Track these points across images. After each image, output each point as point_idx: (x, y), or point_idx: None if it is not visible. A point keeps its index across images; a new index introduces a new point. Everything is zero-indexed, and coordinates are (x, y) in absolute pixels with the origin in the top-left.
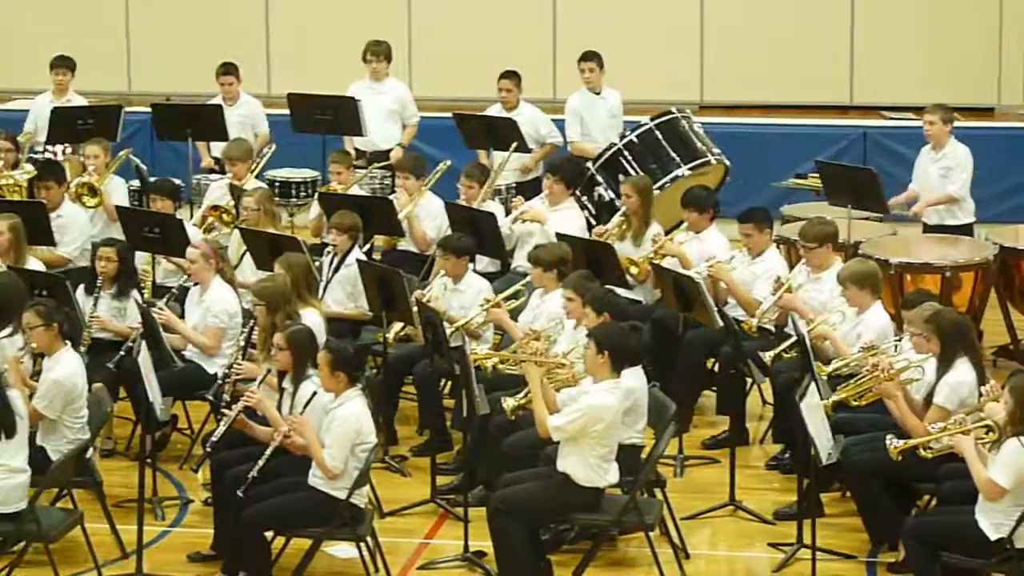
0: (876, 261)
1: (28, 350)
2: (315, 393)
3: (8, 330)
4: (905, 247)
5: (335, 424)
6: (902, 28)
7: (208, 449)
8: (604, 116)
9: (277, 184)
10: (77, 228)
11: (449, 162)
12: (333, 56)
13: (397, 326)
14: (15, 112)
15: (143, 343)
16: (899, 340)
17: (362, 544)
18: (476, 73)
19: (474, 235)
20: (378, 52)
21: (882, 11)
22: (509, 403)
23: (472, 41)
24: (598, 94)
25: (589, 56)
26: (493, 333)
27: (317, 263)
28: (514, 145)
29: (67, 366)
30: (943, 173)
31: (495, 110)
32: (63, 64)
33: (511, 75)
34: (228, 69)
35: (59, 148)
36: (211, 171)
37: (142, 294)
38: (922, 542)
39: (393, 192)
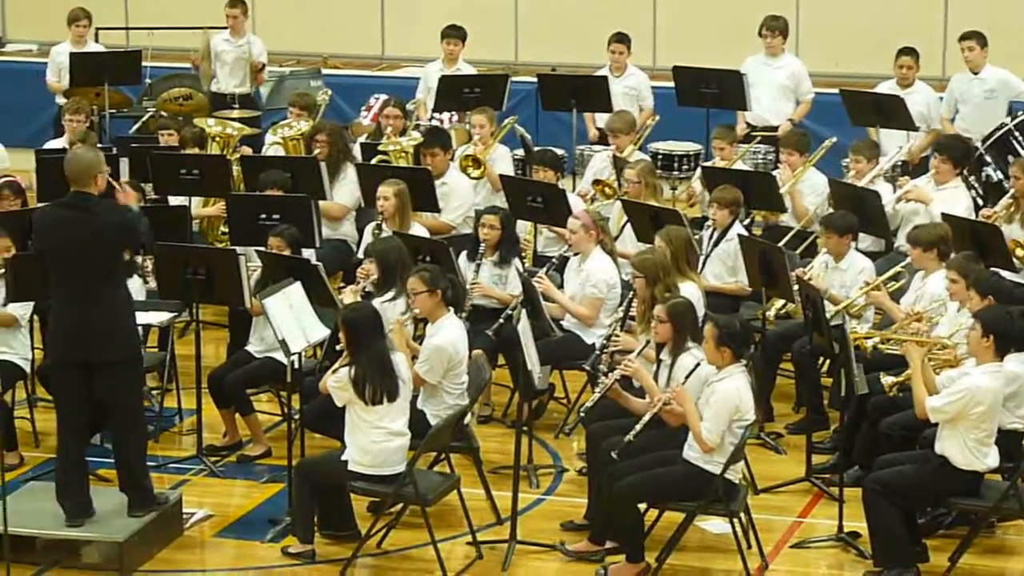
0: None
1: (411, 315)
2: (698, 364)
3: (391, 294)
4: None
5: (715, 398)
6: None
7: (582, 416)
8: (978, 97)
9: (660, 157)
10: (461, 196)
11: (835, 139)
12: (720, 29)
13: (777, 303)
14: (405, 79)
15: (523, 311)
16: None
17: (735, 520)
18: (863, 49)
19: (858, 213)
20: (774, 27)
21: None
22: (888, 380)
23: (861, 16)
24: (976, 74)
25: (968, 35)
26: (874, 313)
27: (697, 236)
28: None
29: (449, 332)
30: None
31: (887, 87)
32: (455, 34)
33: (910, 52)
34: (620, 38)
35: (446, 116)
36: (595, 142)
37: (523, 262)
38: None
39: (776, 167)
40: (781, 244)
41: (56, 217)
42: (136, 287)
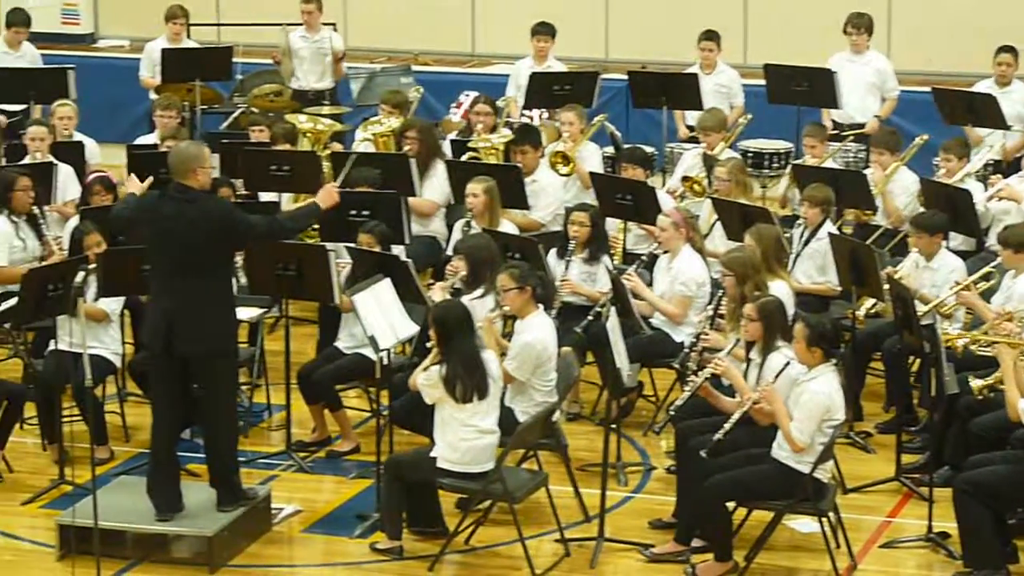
0: None
1: (500, 312)
2: (788, 363)
3: (480, 291)
4: None
5: (805, 397)
6: None
7: (671, 413)
8: None
9: (750, 155)
10: (551, 193)
11: (927, 136)
12: (812, 26)
13: (867, 302)
14: (495, 76)
15: (612, 309)
16: None
17: (824, 519)
18: (956, 47)
19: (949, 212)
20: (859, 24)
21: None
22: (977, 383)
23: (955, 14)
24: None
25: None
26: (964, 312)
27: (787, 235)
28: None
29: (538, 329)
30: None
31: (985, 85)
32: (545, 31)
33: (1010, 50)
34: (710, 35)
35: (536, 113)
36: (685, 140)
37: (612, 260)
38: None
39: (867, 166)
40: (869, 242)
41: (153, 207)
42: None
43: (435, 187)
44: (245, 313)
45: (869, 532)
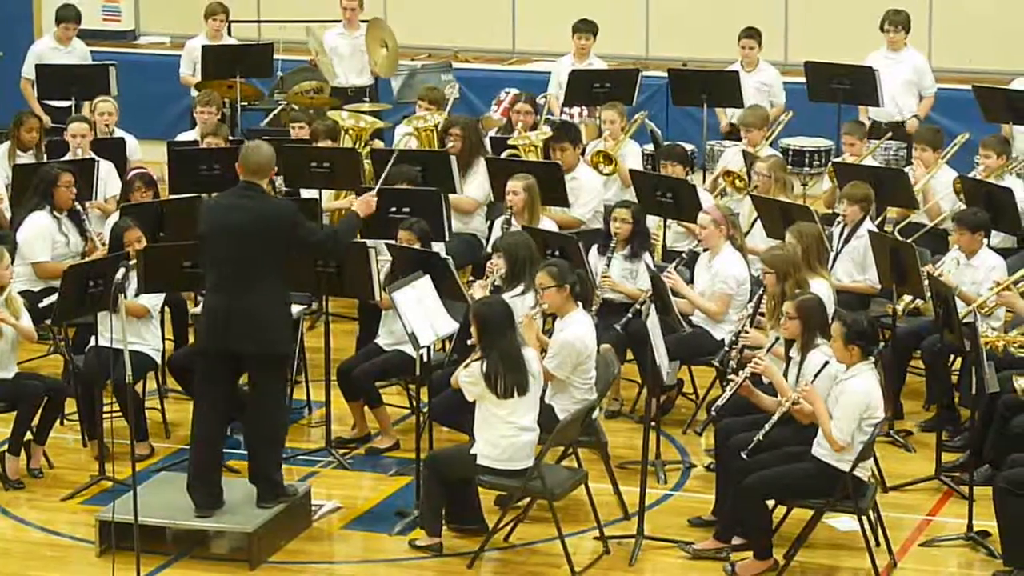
0: None
1: (539, 310)
2: (827, 362)
3: (519, 289)
4: None
5: (844, 396)
6: None
7: (712, 414)
8: None
9: (790, 152)
10: (591, 191)
11: (968, 135)
12: (852, 24)
13: (907, 299)
14: (536, 74)
15: (652, 306)
16: None
17: (864, 517)
18: (997, 45)
19: (989, 209)
20: (896, 22)
21: None
22: (1020, 383)
23: (994, 12)
24: None
25: None
26: (1005, 311)
27: (828, 233)
28: None
29: (578, 327)
30: None
31: (1021, 83)
32: (586, 28)
33: None
34: (750, 33)
35: (576, 110)
36: (727, 136)
37: (652, 257)
38: None
39: (908, 164)
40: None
41: (219, 204)
42: None
43: (476, 184)
44: None
45: (909, 531)
